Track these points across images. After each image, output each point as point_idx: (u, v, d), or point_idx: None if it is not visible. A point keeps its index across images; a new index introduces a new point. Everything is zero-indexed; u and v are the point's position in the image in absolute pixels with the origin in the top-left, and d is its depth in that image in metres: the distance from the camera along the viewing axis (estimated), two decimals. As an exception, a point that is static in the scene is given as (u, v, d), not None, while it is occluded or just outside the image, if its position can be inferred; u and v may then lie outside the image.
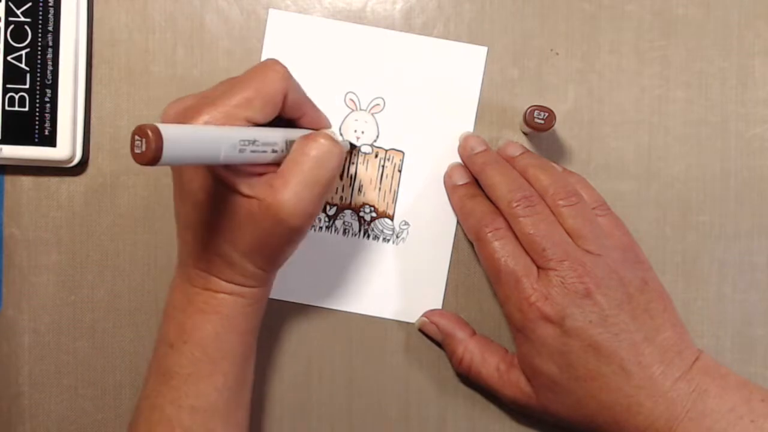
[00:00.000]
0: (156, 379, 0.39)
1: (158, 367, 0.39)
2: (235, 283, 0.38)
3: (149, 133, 0.29)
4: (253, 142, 0.34)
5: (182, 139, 0.30)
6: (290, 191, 0.35)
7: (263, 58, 0.45)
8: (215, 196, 0.36)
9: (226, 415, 0.39)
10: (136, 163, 0.29)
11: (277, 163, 0.36)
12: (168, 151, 0.29)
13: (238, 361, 0.40)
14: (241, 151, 0.33)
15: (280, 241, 0.37)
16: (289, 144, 0.37)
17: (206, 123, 0.34)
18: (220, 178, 0.35)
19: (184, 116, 0.35)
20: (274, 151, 0.36)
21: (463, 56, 0.45)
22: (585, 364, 0.39)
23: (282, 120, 0.38)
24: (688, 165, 0.46)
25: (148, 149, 0.29)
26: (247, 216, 0.36)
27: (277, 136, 0.36)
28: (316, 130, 0.39)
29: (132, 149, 0.29)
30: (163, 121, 0.36)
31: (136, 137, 0.29)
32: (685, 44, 0.45)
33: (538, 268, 0.40)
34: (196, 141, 0.31)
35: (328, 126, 0.41)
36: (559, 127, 0.45)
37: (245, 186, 0.36)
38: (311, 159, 0.36)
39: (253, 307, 0.40)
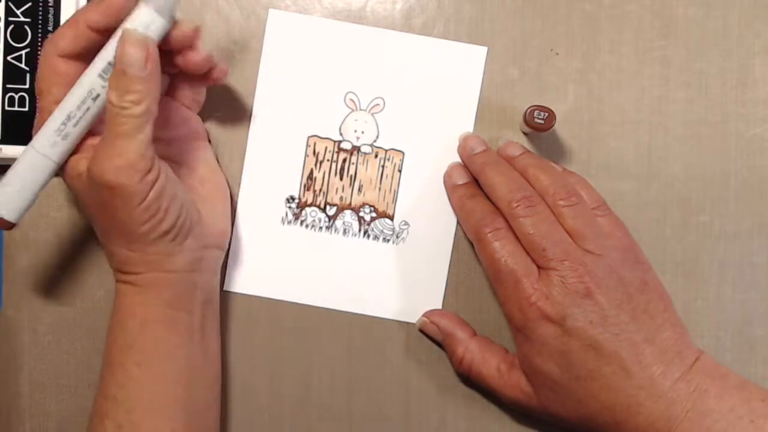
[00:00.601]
0: (103, 373, 0.40)
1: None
2: (121, 271, 0.39)
3: None
4: (68, 118, 0.33)
5: (8, 199, 0.32)
6: (103, 151, 0.35)
7: (263, 58, 0.45)
8: (73, 189, 0.38)
9: (161, 405, 0.39)
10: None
11: None
12: (10, 214, 0.32)
13: (148, 352, 0.39)
14: (65, 137, 0.33)
15: (122, 210, 0.36)
16: (109, 69, 0.35)
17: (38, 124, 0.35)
18: (64, 169, 0.37)
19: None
20: (96, 98, 0.34)
21: (463, 56, 0.45)
22: (585, 364, 0.39)
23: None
24: (688, 165, 0.46)
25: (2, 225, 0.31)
26: (87, 195, 0.37)
27: (90, 80, 0.35)
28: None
29: None
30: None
31: None
32: (685, 44, 0.45)
33: (539, 268, 0.40)
34: (19, 189, 0.33)
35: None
36: (559, 127, 0.45)
37: (75, 163, 0.36)
38: (111, 112, 0.35)
39: (148, 294, 0.39)
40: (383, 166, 0.46)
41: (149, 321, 0.39)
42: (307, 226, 0.45)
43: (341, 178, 0.46)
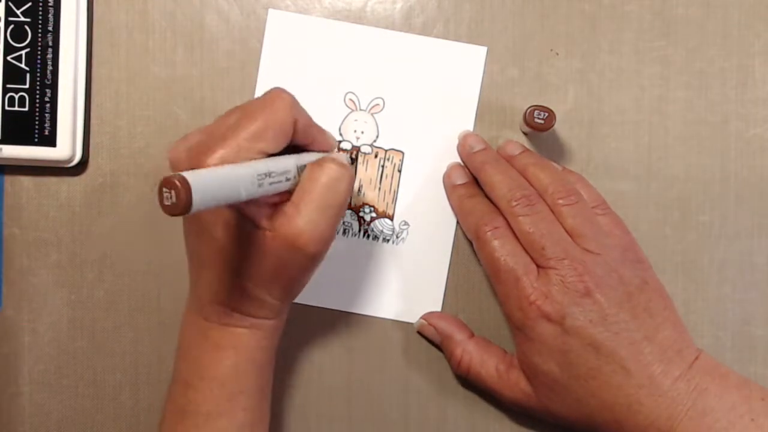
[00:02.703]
0: (172, 417, 0.39)
1: (175, 406, 0.39)
2: (253, 316, 0.38)
3: (177, 183, 0.28)
4: (269, 174, 0.34)
5: (208, 184, 0.30)
6: (304, 219, 0.35)
7: (263, 58, 0.45)
8: (234, 231, 0.36)
9: None
10: (166, 215, 0.28)
11: (290, 191, 0.36)
12: (197, 199, 0.29)
13: (256, 396, 0.39)
14: (259, 185, 0.33)
15: (298, 269, 0.37)
16: (301, 169, 0.37)
17: (221, 160, 0.34)
18: (241, 213, 0.35)
19: (197, 153, 0.34)
20: (287, 180, 0.36)
21: (463, 56, 0.45)
22: (585, 362, 0.39)
23: (290, 147, 0.37)
24: (688, 165, 0.46)
25: (179, 201, 0.28)
26: (265, 248, 0.36)
27: (290, 163, 0.36)
28: (325, 152, 0.39)
29: (161, 201, 0.29)
30: (173, 160, 0.36)
31: (164, 189, 0.28)
32: (685, 44, 0.45)
33: (538, 267, 0.40)
34: (219, 184, 0.31)
35: (335, 146, 0.41)
36: (559, 127, 0.45)
37: (263, 218, 0.35)
38: (322, 185, 0.36)
39: (269, 340, 0.39)
40: (383, 166, 0.46)
41: (265, 365, 0.40)
42: (307, 226, 0.45)
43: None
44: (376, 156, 0.46)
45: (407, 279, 0.46)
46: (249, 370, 0.39)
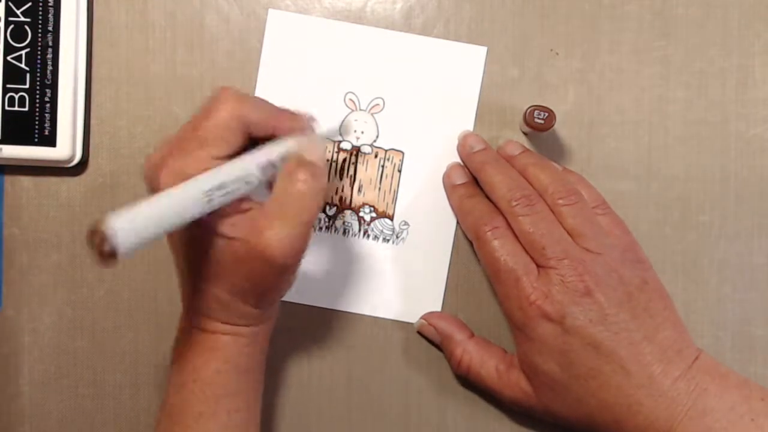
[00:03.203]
0: (167, 419, 0.39)
1: (169, 407, 0.39)
2: (231, 323, 0.38)
3: (96, 238, 0.27)
4: (221, 186, 0.33)
5: (138, 227, 0.29)
6: (275, 230, 0.35)
7: (263, 58, 0.45)
8: (200, 241, 0.35)
9: None
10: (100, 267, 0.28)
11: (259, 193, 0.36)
12: (124, 245, 0.28)
13: (242, 399, 0.39)
14: (209, 201, 0.32)
15: (269, 279, 0.36)
16: (268, 166, 0.36)
17: (174, 172, 0.33)
18: (202, 225, 0.35)
19: (155, 167, 0.34)
20: (248, 183, 0.35)
21: (463, 56, 0.45)
22: (585, 362, 0.39)
23: (258, 140, 0.37)
24: (688, 165, 0.46)
25: (103, 254, 0.27)
26: (233, 258, 0.35)
27: (250, 165, 0.35)
28: (299, 136, 0.38)
29: (94, 257, 0.28)
30: (145, 176, 0.35)
31: (89, 242, 0.28)
32: (685, 44, 0.45)
33: (538, 266, 0.40)
34: (154, 219, 0.30)
35: (308, 126, 0.39)
36: (559, 127, 0.45)
37: (228, 228, 0.35)
38: (294, 197, 0.35)
39: (252, 346, 0.39)
40: (383, 166, 0.46)
41: (251, 370, 0.40)
42: (306, 226, 0.45)
43: (341, 178, 0.46)
44: (376, 156, 0.46)
45: (407, 279, 0.46)
46: (232, 375, 0.38)
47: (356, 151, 0.46)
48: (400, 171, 0.46)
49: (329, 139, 0.45)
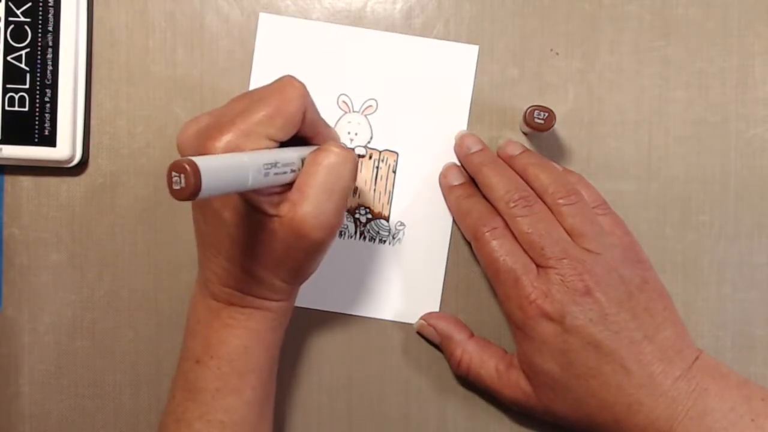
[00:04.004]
0: (182, 394, 0.39)
1: (185, 383, 0.39)
2: (263, 298, 0.38)
3: (187, 168, 0.28)
4: (275, 164, 0.34)
5: (217, 171, 0.30)
6: (309, 204, 0.35)
7: (255, 61, 0.45)
8: (243, 216, 0.36)
9: (254, 428, 0.39)
10: (175, 199, 0.28)
11: (292, 183, 0.36)
12: (206, 185, 0.28)
13: (265, 375, 0.40)
14: (265, 175, 0.33)
15: (305, 255, 0.37)
16: (304, 162, 0.37)
17: (229, 143, 0.34)
18: (247, 200, 0.35)
19: (206, 137, 0.34)
20: (293, 171, 0.36)
21: (456, 56, 0.45)
22: (585, 362, 0.39)
23: (296, 138, 0.37)
24: (688, 165, 0.46)
25: (188, 185, 0.28)
26: (271, 234, 0.36)
27: (294, 155, 0.36)
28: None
29: (170, 185, 0.28)
30: (181, 143, 0.36)
31: (174, 173, 0.28)
32: (685, 44, 0.45)
33: (538, 266, 0.40)
34: (227, 171, 0.31)
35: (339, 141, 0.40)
36: (559, 127, 0.45)
37: (268, 205, 0.35)
38: (324, 169, 0.35)
39: (279, 320, 0.40)
40: (378, 168, 0.46)
41: (274, 346, 0.40)
42: (305, 227, 0.45)
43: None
44: (370, 157, 0.46)
45: (405, 280, 0.46)
46: (258, 350, 0.39)
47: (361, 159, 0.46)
48: (394, 172, 0.46)
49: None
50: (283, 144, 0.36)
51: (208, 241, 0.38)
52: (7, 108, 0.44)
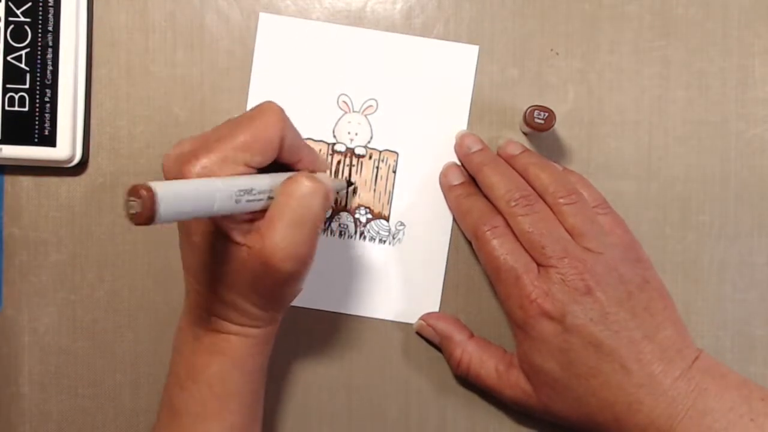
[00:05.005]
0: (167, 417, 0.39)
1: (169, 406, 0.39)
2: (240, 324, 0.38)
3: (144, 193, 0.28)
4: (250, 191, 0.33)
5: (177, 197, 0.29)
6: (277, 236, 0.34)
7: (255, 61, 0.45)
8: (214, 242, 0.36)
9: None
10: (132, 224, 0.28)
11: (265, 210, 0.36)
12: (163, 211, 0.28)
13: (247, 401, 0.39)
14: (237, 201, 0.33)
15: (275, 284, 0.36)
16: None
17: (204, 168, 0.33)
18: (217, 225, 0.35)
19: (182, 161, 0.34)
20: (269, 198, 0.35)
21: (456, 56, 0.45)
22: (585, 361, 0.39)
23: (278, 164, 0.37)
24: (688, 165, 0.46)
25: (143, 210, 0.28)
26: (241, 262, 0.35)
27: (273, 182, 0.35)
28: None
29: (126, 209, 0.28)
30: (164, 167, 0.35)
31: (130, 198, 0.28)
32: (685, 44, 0.45)
33: (538, 266, 0.40)
34: (191, 197, 0.30)
35: (324, 169, 0.40)
36: (559, 127, 0.45)
37: (238, 233, 0.35)
38: (294, 200, 0.35)
39: (260, 347, 0.39)
40: (378, 168, 0.46)
41: (255, 370, 0.40)
42: (304, 227, 0.45)
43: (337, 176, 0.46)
44: (370, 157, 0.46)
45: (405, 280, 0.46)
46: (237, 376, 0.38)
47: (350, 153, 0.46)
48: (394, 172, 0.46)
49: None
50: (264, 170, 0.36)
51: (187, 264, 0.38)
52: (7, 108, 0.44)
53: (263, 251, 0.35)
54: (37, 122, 0.44)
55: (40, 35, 0.44)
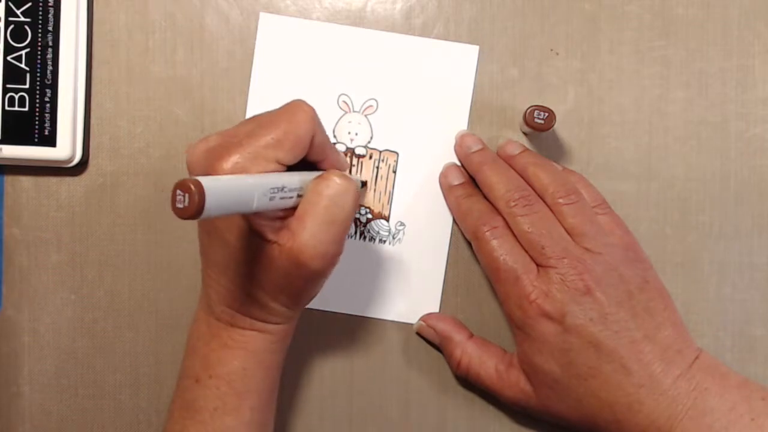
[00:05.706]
0: (181, 413, 0.39)
1: (183, 401, 0.39)
2: (263, 320, 0.38)
3: (192, 187, 0.28)
4: (282, 188, 0.34)
5: (222, 192, 0.30)
6: (307, 234, 0.35)
7: (255, 61, 0.45)
8: (245, 239, 0.36)
9: None
10: (177, 217, 0.28)
11: (295, 207, 0.36)
12: (210, 206, 0.28)
13: (264, 396, 0.39)
14: (271, 198, 0.33)
15: (304, 282, 0.37)
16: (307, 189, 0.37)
17: (236, 164, 0.34)
18: (249, 223, 0.35)
19: (214, 157, 0.34)
20: (299, 196, 0.35)
21: (456, 55, 0.45)
22: (585, 361, 0.39)
23: (303, 163, 0.37)
24: (688, 165, 0.46)
25: (191, 205, 0.28)
26: (271, 259, 0.36)
27: (301, 180, 0.36)
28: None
29: (173, 203, 0.28)
30: (190, 161, 0.36)
31: (179, 192, 0.28)
32: (685, 44, 0.45)
33: (538, 266, 0.40)
34: (232, 192, 0.31)
35: (346, 168, 0.40)
36: (559, 127, 0.45)
37: (269, 230, 0.35)
38: (325, 199, 0.35)
39: (279, 343, 0.39)
40: (378, 168, 0.46)
41: (273, 367, 0.40)
42: (304, 227, 0.45)
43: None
44: (370, 157, 0.46)
45: (405, 280, 0.46)
46: (257, 372, 0.39)
47: (350, 153, 0.46)
48: (395, 172, 0.46)
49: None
50: (291, 168, 0.36)
51: (212, 260, 0.38)
52: (7, 108, 0.44)
53: (294, 249, 0.35)
54: (37, 122, 0.44)
55: (40, 35, 0.44)
